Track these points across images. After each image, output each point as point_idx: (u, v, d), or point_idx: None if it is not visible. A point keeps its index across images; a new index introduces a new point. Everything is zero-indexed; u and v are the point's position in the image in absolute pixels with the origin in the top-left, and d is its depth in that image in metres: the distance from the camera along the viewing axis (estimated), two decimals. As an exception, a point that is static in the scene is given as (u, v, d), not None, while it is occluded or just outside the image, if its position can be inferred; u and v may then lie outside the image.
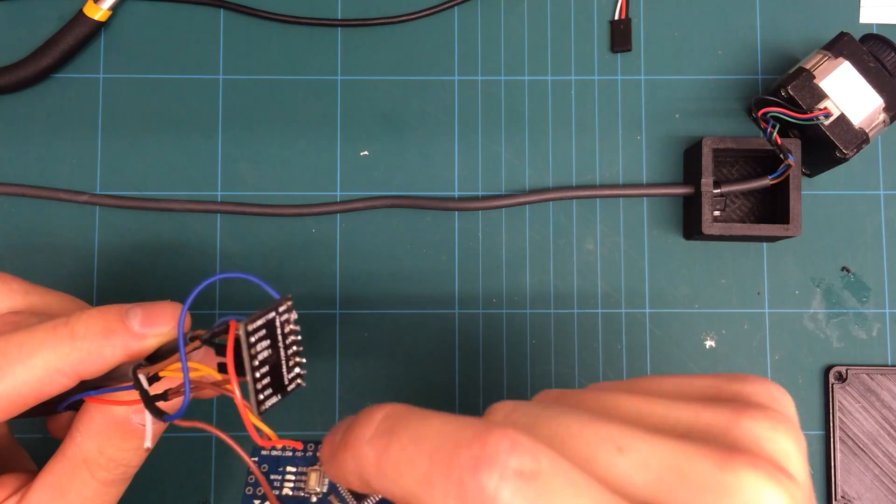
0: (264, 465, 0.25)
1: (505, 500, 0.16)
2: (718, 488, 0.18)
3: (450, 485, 0.17)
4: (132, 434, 0.26)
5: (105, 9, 0.42)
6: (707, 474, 0.18)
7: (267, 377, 0.23)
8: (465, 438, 0.17)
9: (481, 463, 0.17)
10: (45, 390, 0.25)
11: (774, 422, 0.20)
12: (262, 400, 0.23)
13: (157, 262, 0.41)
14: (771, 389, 0.21)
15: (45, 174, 0.42)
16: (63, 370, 0.24)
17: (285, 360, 0.23)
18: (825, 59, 0.39)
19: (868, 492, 0.40)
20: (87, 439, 0.26)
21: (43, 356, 0.24)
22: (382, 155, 0.42)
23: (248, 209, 0.41)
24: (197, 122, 0.42)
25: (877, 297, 0.42)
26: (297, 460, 0.25)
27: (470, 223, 0.42)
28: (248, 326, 0.22)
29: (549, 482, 0.17)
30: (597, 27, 0.43)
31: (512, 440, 0.17)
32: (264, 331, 0.23)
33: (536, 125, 0.43)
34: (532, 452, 0.17)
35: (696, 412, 0.20)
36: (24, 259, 0.41)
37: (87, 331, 0.25)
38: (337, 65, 0.43)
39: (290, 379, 0.24)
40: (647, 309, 0.42)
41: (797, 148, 0.40)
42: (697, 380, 0.22)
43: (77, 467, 0.26)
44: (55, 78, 0.42)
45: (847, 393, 0.41)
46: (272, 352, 0.23)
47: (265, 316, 0.23)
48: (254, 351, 0.22)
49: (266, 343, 0.23)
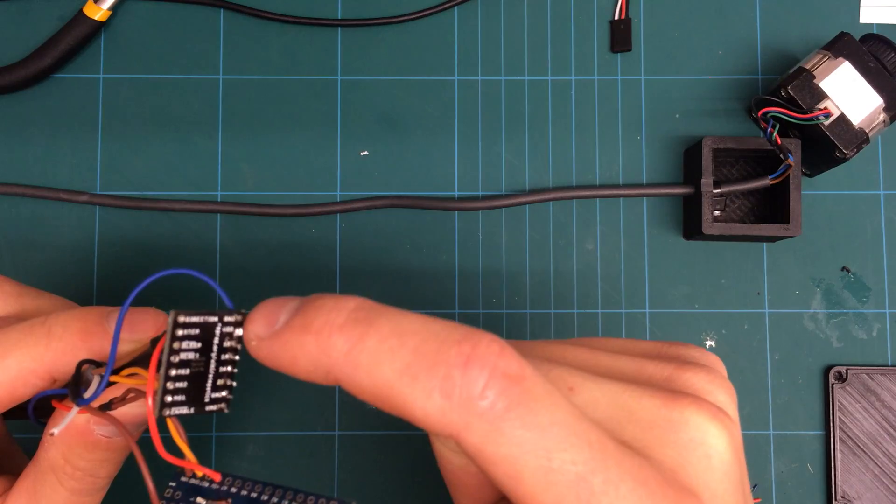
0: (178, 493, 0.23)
1: (490, 398, 0.17)
2: (665, 424, 0.19)
3: (435, 378, 0.17)
4: (94, 444, 0.25)
5: (105, 9, 0.42)
6: (654, 411, 0.19)
7: (183, 381, 0.21)
8: (455, 337, 0.17)
9: (472, 361, 0.17)
10: (19, 392, 0.24)
11: (712, 377, 0.21)
12: (167, 403, 0.20)
13: (157, 262, 0.41)
14: (707, 355, 0.23)
15: (45, 174, 0.42)
16: (36, 371, 0.24)
17: (213, 375, 0.21)
18: (825, 59, 0.39)
19: (868, 492, 0.40)
20: (53, 447, 0.25)
21: (16, 357, 0.24)
22: (382, 155, 0.42)
23: (248, 209, 0.41)
24: (197, 122, 0.42)
25: (877, 297, 0.42)
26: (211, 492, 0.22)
27: (470, 223, 0.42)
28: (179, 316, 0.20)
29: (532, 388, 0.17)
30: (597, 27, 0.43)
31: (500, 345, 0.17)
32: (198, 330, 0.20)
33: (536, 125, 0.43)
34: (518, 359, 0.17)
35: (641, 364, 0.22)
36: (24, 259, 0.41)
37: (64, 331, 0.24)
38: (337, 65, 0.43)
39: (211, 398, 0.21)
40: (647, 309, 0.42)
41: (797, 148, 0.40)
42: (642, 342, 0.24)
43: (46, 473, 0.25)
44: (55, 78, 0.42)
45: (847, 393, 0.41)
46: (200, 358, 0.21)
47: (204, 316, 0.21)
48: (177, 345, 0.20)
49: (195, 345, 0.20)
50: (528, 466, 0.17)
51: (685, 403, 0.19)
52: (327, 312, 0.18)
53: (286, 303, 0.19)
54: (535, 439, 0.17)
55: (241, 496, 0.22)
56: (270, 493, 0.21)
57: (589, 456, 0.17)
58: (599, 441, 0.18)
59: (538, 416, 0.17)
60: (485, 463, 0.17)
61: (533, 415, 0.17)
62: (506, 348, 0.17)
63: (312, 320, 0.18)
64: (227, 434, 0.41)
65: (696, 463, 0.19)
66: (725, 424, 0.19)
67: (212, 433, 0.41)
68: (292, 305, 0.19)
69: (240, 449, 0.41)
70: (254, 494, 0.22)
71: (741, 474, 0.20)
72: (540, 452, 0.17)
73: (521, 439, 0.17)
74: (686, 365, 0.21)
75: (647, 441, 0.19)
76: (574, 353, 0.22)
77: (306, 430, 0.41)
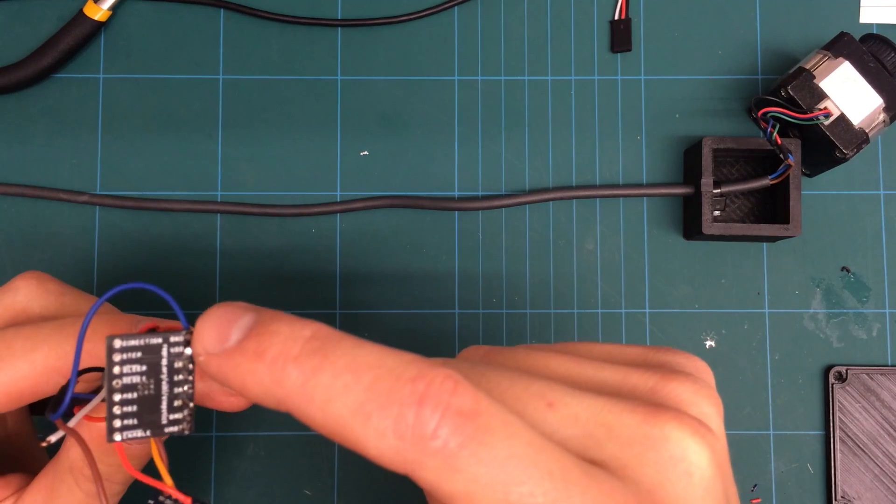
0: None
1: (443, 436, 0.17)
2: (645, 441, 0.19)
3: (388, 418, 0.17)
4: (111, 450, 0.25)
5: (105, 9, 0.42)
6: (634, 428, 0.19)
7: (132, 405, 0.20)
8: (408, 374, 0.17)
9: (424, 399, 0.17)
10: (41, 387, 0.24)
11: (697, 387, 0.21)
12: (117, 427, 0.20)
13: (157, 262, 0.41)
14: (695, 362, 0.22)
15: (45, 174, 0.42)
16: (61, 370, 0.24)
17: (167, 397, 0.21)
18: (825, 59, 0.39)
19: (868, 492, 0.40)
20: (73, 447, 0.25)
21: (44, 352, 0.24)
22: (382, 155, 0.42)
23: (248, 209, 0.41)
24: (197, 122, 0.42)
25: (877, 297, 0.42)
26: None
27: (470, 223, 0.42)
28: (114, 341, 0.20)
29: (487, 423, 0.17)
30: (597, 27, 0.43)
31: (455, 381, 0.17)
32: (140, 353, 0.20)
33: (536, 125, 0.43)
34: (473, 395, 0.17)
35: (624, 374, 0.21)
36: (25, 259, 0.41)
37: (93, 333, 0.24)
38: (337, 65, 0.43)
39: (169, 420, 0.21)
40: (647, 309, 0.42)
41: (797, 148, 0.40)
42: (627, 348, 0.23)
43: (65, 473, 0.25)
44: (55, 78, 0.42)
45: (847, 393, 0.41)
46: (147, 381, 0.20)
47: (148, 338, 0.20)
48: (118, 370, 0.20)
49: (139, 368, 0.20)
50: (487, 501, 0.17)
51: (665, 419, 0.19)
52: (283, 341, 0.18)
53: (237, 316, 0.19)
54: (492, 474, 0.17)
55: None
56: None
57: (550, 487, 0.17)
58: (562, 470, 0.17)
59: (494, 449, 0.17)
60: (444, 498, 0.17)
61: (488, 449, 0.17)
62: (460, 384, 0.17)
63: (266, 348, 0.18)
64: (227, 434, 0.41)
65: (675, 481, 0.18)
66: (707, 439, 0.19)
67: (212, 433, 0.41)
68: (245, 322, 0.19)
69: (240, 449, 0.41)
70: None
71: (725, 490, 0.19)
72: (497, 487, 0.17)
73: (477, 475, 0.17)
74: (670, 374, 0.21)
75: (626, 459, 0.19)
76: (557, 362, 0.22)
77: (306, 431, 0.41)
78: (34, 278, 0.27)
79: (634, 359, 0.22)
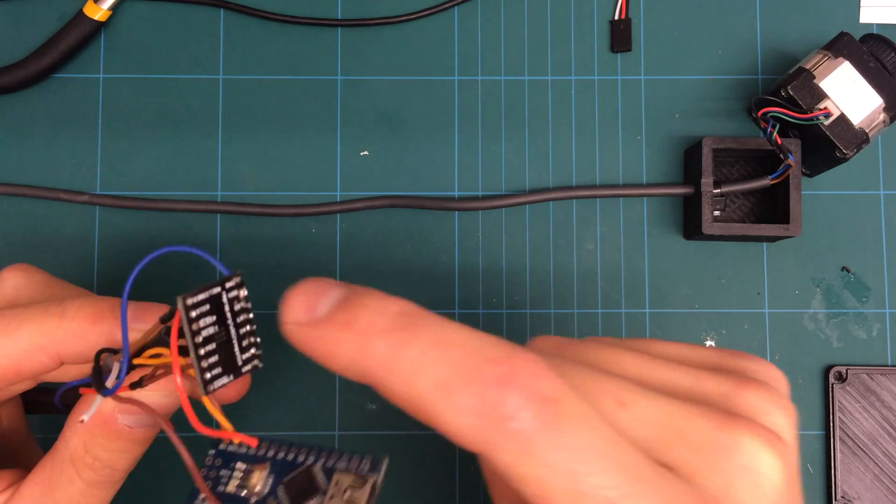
0: (219, 459, 0.24)
1: (524, 420, 0.17)
2: (717, 448, 0.19)
3: (470, 396, 0.17)
4: (118, 434, 0.25)
5: (105, 9, 0.42)
6: (707, 434, 0.19)
7: (214, 355, 0.22)
8: (494, 355, 0.17)
9: (508, 381, 0.17)
10: (25, 365, 0.25)
11: (772, 396, 0.20)
12: (209, 379, 0.21)
13: (157, 262, 0.41)
14: (770, 369, 0.22)
15: (45, 174, 0.42)
16: (45, 348, 0.24)
17: (237, 340, 0.22)
18: (825, 59, 0.39)
19: (868, 492, 0.40)
20: (75, 436, 0.25)
21: (28, 330, 0.24)
22: (382, 155, 0.42)
23: (248, 209, 0.41)
24: (197, 122, 0.42)
25: (877, 297, 0.42)
26: (249, 458, 0.24)
27: (470, 223, 0.42)
28: (187, 300, 0.21)
29: (567, 412, 0.17)
30: (597, 27, 0.43)
31: (539, 366, 0.17)
32: (208, 306, 0.21)
33: (536, 125, 0.43)
34: (555, 381, 0.17)
35: (698, 378, 0.21)
36: (24, 259, 0.41)
37: (77, 313, 0.25)
38: (337, 65, 0.43)
39: (244, 360, 0.22)
40: (647, 309, 0.42)
41: (797, 148, 0.40)
42: (700, 351, 0.23)
43: (64, 464, 0.26)
44: (55, 78, 0.42)
45: (847, 393, 0.41)
46: (220, 329, 0.22)
47: (209, 290, 0.21)
48: (196, 326, 0.21)
49: (211, 319, 0.21)
50: (557, 488, 0.17)
51: (739, 428, 0.19)
52: (371, 314, 0.18)
53: (328, 289, 0.19)
54: (566, 462, 0.17)
55: (278, 459, 0.23)
56: (305, 454, 0.22)
57: (621, 481, 0.17)
58: (634, 466, 0.17)
59: (571, 438, 0.17)
60: (514, 481, 0.17)
61: (565, 437, 0.17)
62: (544, 370, 0.17)
63: (355, 319, 0.18)
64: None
65: (743, 490, 0.18)
66: (780, 451, 0.19)
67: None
68: (335, 295, 0.19)
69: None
70: (290, 457, 0.23)
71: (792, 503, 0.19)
72: (569, 475, 0.17)
73: (552, 461, 0.17)
74: (745, 381, 0.20)
75: (696, 465, 0.18)
76: (630, 360, 0.21)
77: (306, 430, 0.41)
78: (21, 270, 0.28)
79: (707, 362, 0.22)
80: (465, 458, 0.41)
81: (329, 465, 0.22)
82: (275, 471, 0.23)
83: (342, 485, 0.22)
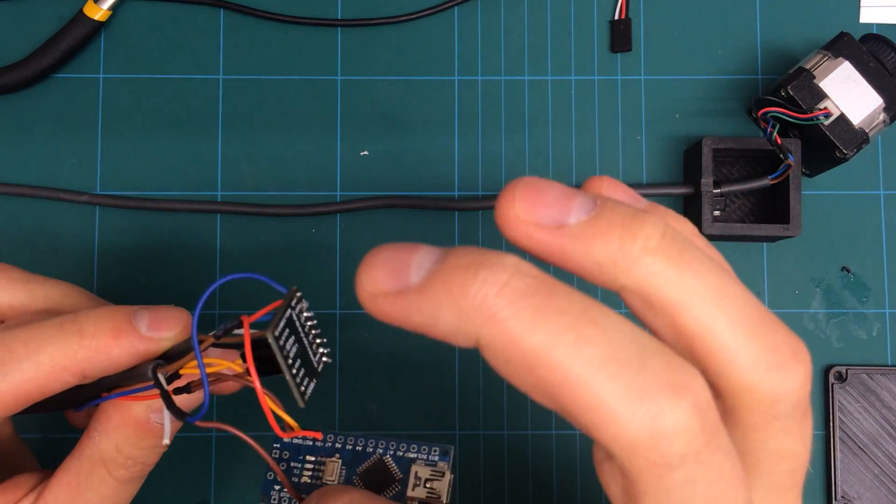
0: (286, 452, 0.26)
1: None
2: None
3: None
4: (150, 432, 0.26)
5: (105, 9, 0.42)
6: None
7: (301, 369, 0.23)
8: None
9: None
10: (50, 387, 0.25)
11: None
12: (303, 391, 0.23)
13: (157, 262, 0.41)
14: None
15: (45, 174, 0.42)
16: (69, 368, 0.24)
17: (309, 347, 0.24)
18: (825, 59, 0.39)
19: (868, 492, 0.40)
20: (105, 438, 0.26)
21: (49, 353, 0.24)
22: (382, 155, 0.42)
23: (248, 209, 0.41)
24: (197, 122, 0.42)
25: (877, 297, 0.42)
26: (317, 450, 0.25)
27: (470, 223, 0.42)
28: (274, 332, 0.22)
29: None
30: (597, 27, 0.43)
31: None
32: (288, 329, 0.23)
33: (536, 125, 0.43)
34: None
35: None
36: (25, 259, 0.41)
37: (97, 329, 0.25)
38: (337, 65, 0.43)
39: (317, 361, 0.24)
40: (647, 309, 0.42)
41: (797, 148, 0.40)
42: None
43: (95, 465, 0.26)
44: (55, 78, 0.42)
45: (847, 393, 0.41)
46: (298, 345, 0.23)
47: (284, 315, 0.23)
48: (286, 352, 0.22)
49: (292, 339, 0.23)
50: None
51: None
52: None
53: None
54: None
55: (347, 450, 0.24)
56: (374, 445, 0.24)
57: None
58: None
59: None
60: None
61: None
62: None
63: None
64: (227, 434, 0.41)
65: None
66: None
67: (212, 433, 0.41)
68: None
69: (240, 449, 0.41)
70: (358, 447, 0.24)
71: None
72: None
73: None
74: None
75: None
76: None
77: (306, 430, 0.41)
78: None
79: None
80: (465, 459, 0.41)
81: (399, 454, 0.23)
82: (346, 462, 0.24)
83: (422, 476, 0.23)
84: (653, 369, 0.15)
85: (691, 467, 0.16)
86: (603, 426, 0.15)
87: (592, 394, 0.15)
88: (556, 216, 0.17)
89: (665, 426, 0.15)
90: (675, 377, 0.16)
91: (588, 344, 0.15)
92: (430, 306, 0.16)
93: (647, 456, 0.15)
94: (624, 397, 0.15)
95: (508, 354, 0.16)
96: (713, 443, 0.16)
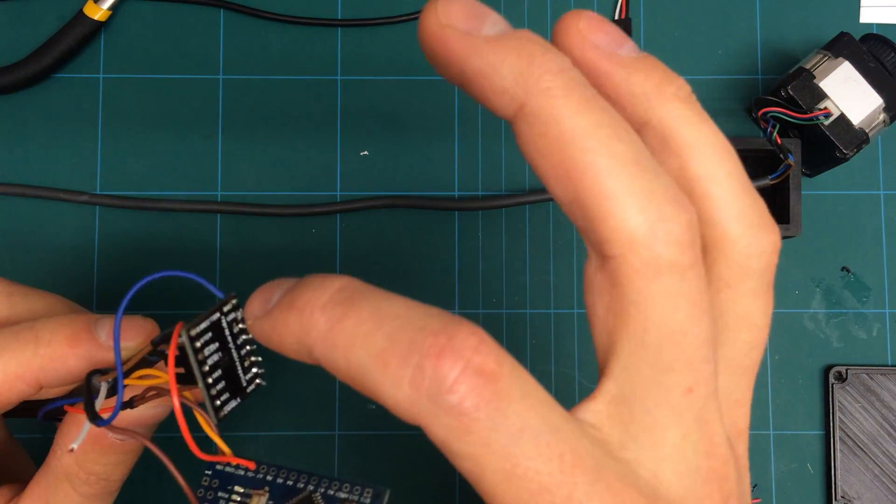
0: (216, 481, 0.24)
1: (460, 393, 0.16)
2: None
3: (406, 367, 0.16)
4: (109, 448, 0.25)
5: (105, 9, 0.42)
6: None
7: (221, 382, 0.21)
8: (432, 326, 0.17)
9: (445, 352, 0.16)
10: (4, 397, 0.24)
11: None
12: (218, 406, 0.21)
13: (157, 263, 0.41)
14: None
15: (45, 174, 0.42)
16: (23, 377, 0.24)
17: (239, 362, 0.22)
18: (825, 59, 0.39)
19: (868, 492, 0.40)
20: (66, 454, 0.25)
21: (3, 361, 0.23)
22: (382, 155, 0.42)
23: (248, 209, 0.41)
24: (197, 122, 0.42)
25: (877, 297, 0.42)
26: (247, 481, 0.23)
27: (470, 223, 0.42)
28: (190, 331, 0.20)
29: (506, 387, 0.16)
30: (597, 27, 0.43)
31: (480, 339, 0.17)
32: (210, 334, 0.21)
33: (536, 125, 0.43)
34: (496, 355, 0.17)
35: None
36: (25, 259, 0.41)
37: (53, 337, 0.24)
38: (337, 65, 0.43)
39: (247, 380, 0.22)
40: (647, 309, 0.42)
41: (797, 148, 0.40)
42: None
43: (59, 481, 0.25)
44: (55, 78, 0.42)
45: (847, 393, 0.41)
46: (223, 355, 0.22)
47: (209, 318, 0.21)
48: (201, 356, 0.21)
49: (214, 346, 0.21)
50: (491, 468, 0.16)
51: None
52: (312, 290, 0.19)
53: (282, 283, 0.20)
54: (503, 442, 0.16)
55: (277, 484, 0.22)
56: (306, 481, 0.22)
57: (556, 468, 0.16)
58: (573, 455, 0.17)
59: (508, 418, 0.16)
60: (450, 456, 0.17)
61: (503, 416, 0.16)
62: (484, 342, 0.16)
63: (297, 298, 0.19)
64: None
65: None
66: None
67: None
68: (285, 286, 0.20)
69: (240, 449, 0.41)
70: (290, 482, 0.22)
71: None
72: (506, 457, 0.16)
73: (489, 440, 0.16)
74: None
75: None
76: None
77: (306, 430, 0.41)
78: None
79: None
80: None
81: (330, 493, 0.22)
82: (274, 497, 0.22)
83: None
84: (665, 183, 0.17)
85: (676, 281, 0.17)
86: (611, 216, 0.17)
87: (612, 183, 0.17)
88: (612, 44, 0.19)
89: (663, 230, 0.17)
90: (679, 196, 0.18)
91: (620, 142, 0.17)
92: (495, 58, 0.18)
93: (640, 253, 0.17)
94: (638, 194, 0.17)
95: (547, 128, 0.17)
96: (697, 268, 0.17)
